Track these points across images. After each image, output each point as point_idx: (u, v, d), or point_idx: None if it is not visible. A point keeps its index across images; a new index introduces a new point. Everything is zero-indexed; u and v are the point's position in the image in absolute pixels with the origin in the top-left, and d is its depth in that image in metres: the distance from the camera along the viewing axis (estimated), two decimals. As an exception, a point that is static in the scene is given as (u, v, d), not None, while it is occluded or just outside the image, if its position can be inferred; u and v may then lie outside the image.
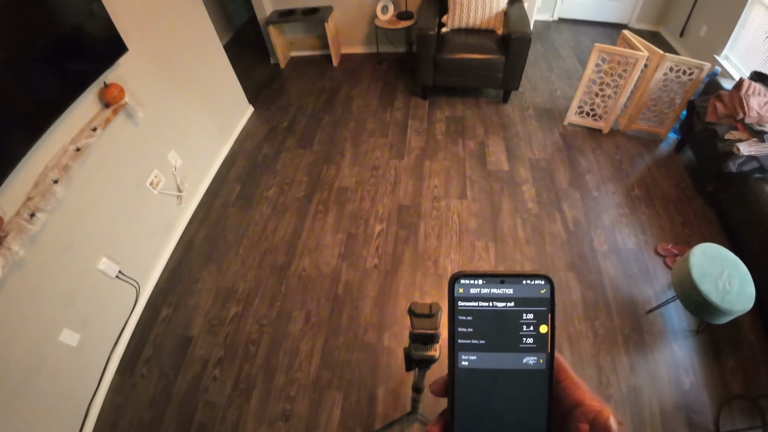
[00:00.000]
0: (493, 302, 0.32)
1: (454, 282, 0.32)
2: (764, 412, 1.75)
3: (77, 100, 1.79)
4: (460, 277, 0.32)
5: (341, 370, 1.97)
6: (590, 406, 0.29)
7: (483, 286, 0.32)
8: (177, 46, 2.57)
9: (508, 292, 0.32)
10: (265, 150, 3.26)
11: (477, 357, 0.31)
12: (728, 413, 1.77)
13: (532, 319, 0.31)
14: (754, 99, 2.33)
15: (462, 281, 0.32)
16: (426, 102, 3.64)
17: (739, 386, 1.85)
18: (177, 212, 2.64)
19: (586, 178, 2.83)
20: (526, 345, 0.31)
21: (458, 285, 0.32)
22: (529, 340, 0.31)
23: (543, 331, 0.31)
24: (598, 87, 2.99)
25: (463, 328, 0.32)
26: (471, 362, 0.31)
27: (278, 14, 3.98)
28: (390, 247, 2.46)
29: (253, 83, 4.05)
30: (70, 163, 1.72)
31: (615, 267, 2.30)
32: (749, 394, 1.81)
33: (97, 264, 1.98)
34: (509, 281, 0.32)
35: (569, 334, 2.04)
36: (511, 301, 0.32)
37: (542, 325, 0.31)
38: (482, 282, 0.32)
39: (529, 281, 0.32)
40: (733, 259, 1.77)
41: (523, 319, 0.31)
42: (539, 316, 0.31)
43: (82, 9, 1.77)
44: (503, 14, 3.35)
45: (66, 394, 1.81)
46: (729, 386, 1.85)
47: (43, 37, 1.60)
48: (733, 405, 1.79)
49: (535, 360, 0.31)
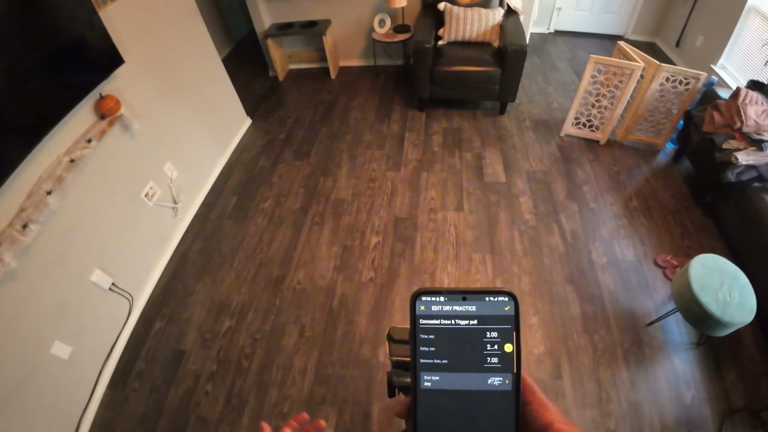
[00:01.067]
0: (456, 320, 0.31)
1: (415, 299, 0.31)
2: (766, 424, 1.71)
3: (72, 111, 1.79)
4: (420, 294, 0.31)
5: (335, 386, 1.94)
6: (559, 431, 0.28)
7: (445, 303, 0.31)
8: (174, 58, 2.59)
9: (471, 309, 0.31)
10: (263, 162, 3.26)
11: (440, 377, 0.30)
12: (730, 427, 1.73)
13: (496, 338, 0.30)
14: (752, 108, 2.32)
15: (423, 298, 0.31)
16: (423, 114, 3.65)
17: (741, 399, 1.81)
18: (172, 224, 2.63)
19: (583, 189, 2.82)
20: (491, 365, 0.30)
21: (419, 302, 0.31)
22: (493, 360, 0.30)
23: (508, 350, 0.30)
24: (595, 98, 2.99)
25: (425, 347, 0.31)
26: (434, 383, 0.30)
27: (277, 27, 4.02)
28: (386, 260, 2.44)
29: (252, 95, 4.08)
30: (65, 175, 1.72)
31: (614, 279, 2.27)
32: (751, 407, 1.77)
33: (90, 276, 1.97)
34: (471, 298, 0.31)
35: (568, 348, 2.00)
36: (474, 319, 0.31)
37: (507, 343, 0.30)
38: (444, 299, 0.31)
39: (492, 298, 0.31)
40: (734, 271, 1.75)
41: (487, 337, 0.30)
42: (504, 335, 0.30)
43: (80, 21, 1.78)
44: (499, 27, 3.38)
45: (57, 407, 1.79)
46: (731, 399, 1.81)
47: (39, 48, 1.61)
48: (735, 418, 1.75)
49: (501, 380, 0.30)
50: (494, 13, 3.33)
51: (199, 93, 2.90)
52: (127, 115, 2.07)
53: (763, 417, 1.73)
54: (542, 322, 2.11)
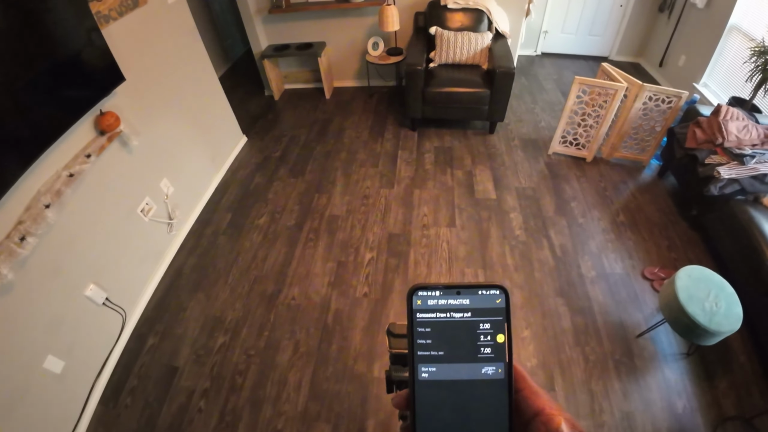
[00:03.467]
0: (451, 313, 0.32)
1: (412, 294, 0.33)
2: (759, 431, 1.73)
3: (73, 126, 1.82)
4: (417, 289, 0.33)
5: (330, 402, 1.93)
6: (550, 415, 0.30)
7: (440, 298, 0.33)
8: (173, 76, 2.65)
9: (465, 302, 0.33)
10: (258, 179, 3.30)
11: (437, 368, 0.32)
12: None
13: (489, 329, 0.32)
14: (733, 123, 2.42)
15: (420, 293, 0.33)
16: (415, 133, 3.73)
17: (733, 407, 1.83)
18: (167, 240, 2.64)
19: (571, 205, 2.89)
20: (485, 355, 0.32)
21: (416, 297, 0.33)
22: (487, 350, 0.32)
23: (500, 341, 0.32)
24: (580, 117, 3.10)
25: (422, 339, 0.32)
26: (431, 374, 0.32)
27: (273, 49, 4.13)
28: (380, 276, 2.46)
29: (248, 114, 4.15)
30: (63, 189, 1.73)
31: (603, 292, 2.31)
32: (743, 414, 1.80)
33: (85, 290, 1.96)
34: (465, 292, 0.33)
35: (560, 360, 2.02)
36: (468, 312, 0.32)
37: (499, 334, 0.32)
38: (439, 293, 0.33)
39: (484, 292, 0.33)
40: (719, 281, 1.80)
41: (481, 329, 0.32)
42: (496, 326, 0.32)
43: (81, 38, 1.83)
44: (488, 50, 3.50)
45: (48, 422, 1.76)
46: (722, 408, 1.83)
47: (42, 64, 1.64)
48: (727, 426, 1.77)
49: (494, 369, 0.32)
50: (483, 36, 3.46)
51: (197, 111, 2.96)
52: (126, 131, 2.11)
53: (755, 424, 1.75)
54: (534, 335, 2.13)
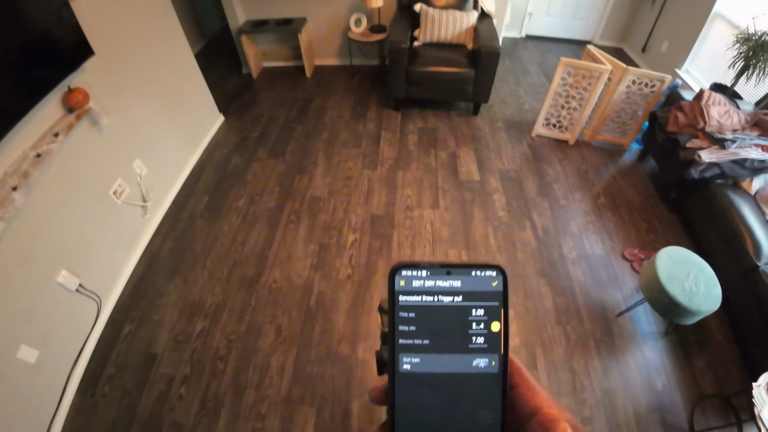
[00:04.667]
0: (439, 296, 0.28)
1: (394, 273, 0.28)
2: (737, 410, 1.80)
3: (39, 104, 1.70)
4: (401, 268, 0.28)
5: (314, 385, 1.91)
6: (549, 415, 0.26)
7: (427, 279, 0.28)
8: (146, 52, 2.51)
9: (456, 285, 0.28)
10: (236, 160, 3.20)
11: (420, 359, 0.28)
12: (701, 412, 1.81)
13: (482, 316, 0.28)
14: (714, 108, 2.45)
15: (403, 273, 0.28)
16: (398, 114, 3.67)
17: (711, 386, 1.90)
18: (141, 223, 2.54)
19: (553, 187, 2.90)
20: (477, 345, 0.28)
21: (399, 277, 0.28)
22: (479, 340, 0.28)
23: (495, 330, 0.28)
24: (564, 100, 3.09)
25: (405, 326, 0.28)
26: (414, 365, 0.28)
27: (251, 24, 3.96)
28: (363, 258, 2.43)
29: (224, 93, 3.99)
30: (31, 170, 1.63)
31: (584, 273, 2.34)
32: (721, 392, 1.86)
33: (57, 277, 1.87)
34: (456, 273, 0.28)
35: (542, 339, 2.05)
36: (459, 295, 0.28)
37: (494, 322, 0.28)
38: (426, 273, 0.28)
39: (478, 272, 0.28)
40: (699, 262, 1.84)
41: (473, 315, 0.28)
42: (491, 312, 0.28)
43: (50, 11, 1.70)
44: (473, 30, 3.44)
45: (25, 413, 1.70)
46: (700, 386, 1.89)
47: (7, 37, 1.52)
48: (705, 404, 1.84)
49: (487, 362, 0.28)
50: (468, 15, 3.39)
51: (170, 88, 2.82)
52: (95, 109, 1.98)
53: (733, 402, 1.81)
54: (517, 314, 2.15)
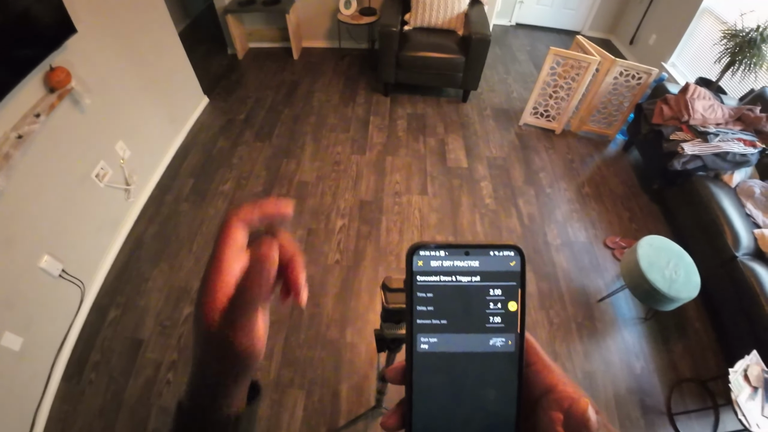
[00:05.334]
0: (457, 277, 0.28)
1: (412, 254, 0.28)
2: (714, 394, 1.88)
3: (20, 83, 1.63)
4: (419, 248, 0.29)
5: (303, 369, 1.93)
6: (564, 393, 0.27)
7: (445, 259, 0.29)
8: (129, 30, 2.42)
9: (474, 265, 0.29)
10: (221, 143, 3.14)
11: (438, 339, 0.28)
12: (679, 396, 1.89)
13: (500, 296, 0.28)
14: (699, 102, 2.51)
15: (422, 253, 0.29)
16: (388, 99, 3.64)
17: (688, 370, 1.98)
18: (125, 207, 2.48)
19: (540, 175, 2.95)
20: (494, 325, 0.28)
21: (417, 257, 0.28)
22: (496, 320, 0.28)
23: (512, 309, 0.28)
24: (552, 89, 3.12)
25: (423, 306, 0.28)
26: (431, 345, 0.28)
27: (237, 3, 3.84)
28: (352, 243, 2.44)
29: (209, 74, 3.89)
30: (12, 152, 1.57)
31: (567, 259, 2.40)
32: (698, 377, 1.94)
33: (39, 262, 1.82)
34: (475, 253, 0.29)
35: (526, 323, 2.10)
36: (477, 276, 0.28)
37: (511, 302, 0.28)
38: (444, 254, 0.29)
39: (496, 253, 0.29)
40: (679, 250, 1.90)
41: (491, 295, 0.28)
42: (508, 292, 0.28)
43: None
44: (464, 15, 3.42)
45: (10, 401, 1.67)
46: (678, 370, 1.98)
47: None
48: (683, 388, 1.92)
49: (504, 341, 0.28)
50: (460, 1, 3.36)
51: (154, 68, 2.73)
52: (77, 88, 1.91)
53: (710, 387, 1.90)
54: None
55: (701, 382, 1.92)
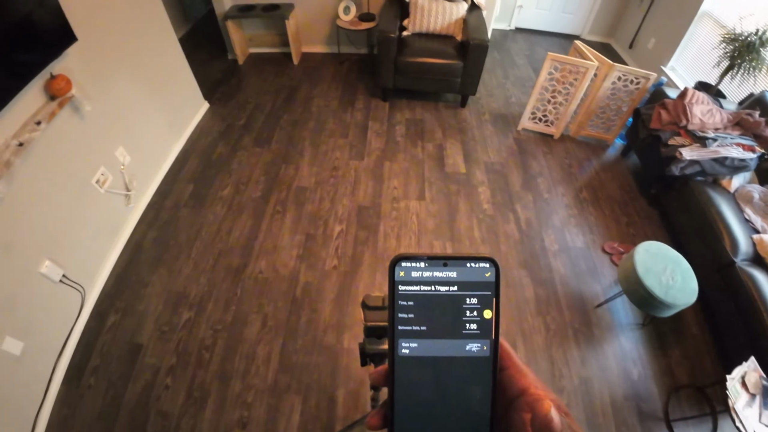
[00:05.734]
0: (436, 286, 0.30)
1: (394, 265, 0.30)
2: (711, 400, 1.87)
3: (21, 92, 1.66)
4: (401, 260, 0.30)
5: (300, 374, 1.94)
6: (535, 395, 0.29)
7: (425, 270, 0.30)
8: (129, 37, 2.44)
9: (452, 275, 0.30)
10: (221, 148, 3.16)
11: (418, 344, 0.30)
12: (676, 402, 1.89)
13: (476, 304, 0.30)
14: (697, 107, 2.51)
15: (403, 264, 0.30)
16: (386, 104, 3.66)
17: (686, 376, 1.97)
18: (125, 212, 2.50)
19: (537, 180, 2.95)
20: (470, 331, 0.30)
21: (399, 268, 0.30)
22: (472, 326, 0.30)
23: (487, 317, 0.30)
24: (551, 94, 3.13)
25: (404, 313, 0.30)
26: (412, 350, 0.30)
27: (237, 9, 3.87)
28: (349, 248, 2.45)
29: (209, 79, 3.91)
30: (12, 159, 1.59)
31: (565, 265, 2.40)
32: (695, 383, 1.94)
33: (40, 267, 1.84)
34: (453, 264, 0.30)
35: (522, 329, 2.11)
36: (455, 285, 0.30)
37: (486, 310, 0.30)
38: (424, 265, 0.30)
39: (473, 264, 0.30)
40: (676, 256, 1.90)
41: (467, 303, 0.30)
42: (483, 301, 0.30)
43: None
44: (462, 21, 3.43)
45: (11, 405, 1.69)
46: (676, 376, 1.97)
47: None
48: (680, 394, 1.91)
49: (479, 347, 0.30)
50: (458, 6, 3.38)
51: (154, 75, 2.75)
52: (78, 96, 1.94)
53: (707, 392, 1.89)
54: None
55: (699, 388, 1.91)
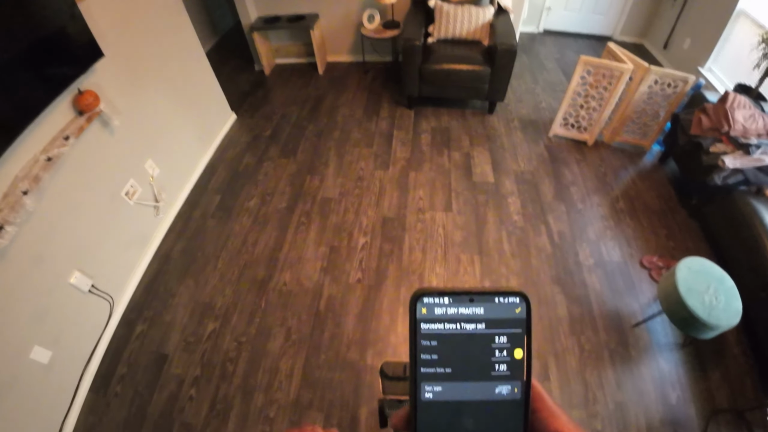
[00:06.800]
0: (461, 324, 0.28)
1: (415, 301, 0.28)
2: (751, 425, 1.74)
3: (49, 107, 1.71)
4: (422, 295, 0.28)
5: (323, 390, 1.91)
6: None
7: (449, 306, 0.28)
8: (156, 51, 2.51)
9: (479, 312, 0.28)
10: (247, 159, 3.19)
11: (443, 388, 0.28)
12: (715, 427, 1.75)
13: (505, 343, 0.28)
14: (739, 112, 2.35)
15: (425, 300, 0.28)
16: (412, 112, 3.61)
17: (725, 399, 1.83)
18: (154, 224, 2.55)
19: (571, 190, 2.83)
20: (499, 373, 0.28)
21: (420, 304, 0.28)
22: (502, 367, 0.28)
23: (518, 357, 0.28)
24: (583, 99, 3.00)
25: (427, 354, 0.28)
26: (436, 394, 0.28)
27: (263, 21, 3.94)
28: (374, 261, 2.41)
29: (237, 90, 3.99)
30: (41, 174, 1.64)
31: (600, 280, 2.28)
32: (735, 407, 1.80)
33: (69, 278, 1.89)
34: (479, 300, 0.28)
35: (555, 349, 2.01)
36: (482, 323, 0.28)
37: (517, 348, 0.28)
38: (448, 301, 0.28)
39: (502, 299, 0.28)
40: (720, 274, 1.76)
41: (496, 343, 0.28)
42: (514, 339, 0.28)
43: (58, 12, 1.70)
44: (489, 26, 3.36)
45: (38, 412, 1.73)
46: (715, 400, 1.83)
47: (15, 41, 1.52)
48: (719, 419, 1.78)
49: (509, 389, 0.28)
50: (485, 11, 3.30)
51: (182, 87, 2.82)
52: (106, 110, 1.99)
53: (747, 417, 1.75)
54: (530, 323, 2.11)
55: (738, 411, 1.77)
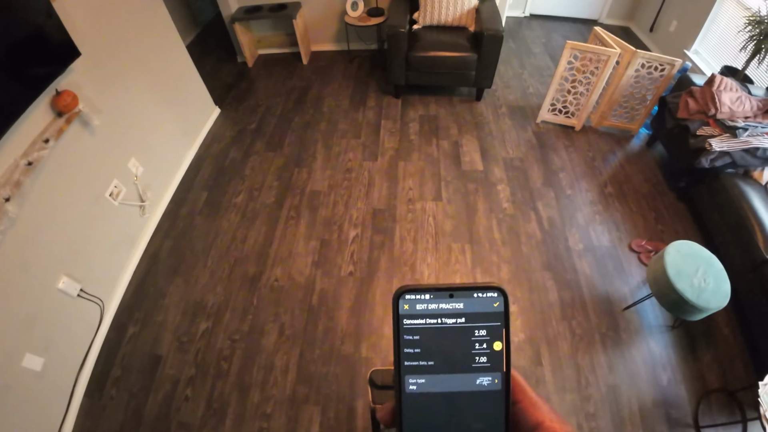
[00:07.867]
0: (442, 319, 0.29)
1: (398, 298, 0.29)
2: (743, 405, 1.78)
3: (27, 110, 1.65)
4: (404, 293, 0.29)
5: (318, 384, 1.91)
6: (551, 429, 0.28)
7: (430, 302, 0.29)
8: (135, 47, 2.43)
9: (458, 307, 0.29)
10: (233, 154, 3.14)
11: (426, 380, 0.29)
12: (707, 407, 1.80)
13: (485, 336, 0.29)
14: (726, 94, 2.36)
15: (407, 297, 0.29)
16: (399, 101, 3.58)
17: (716, 380, 1.87)
18: (140, 223, 2.51)
19: (559, 176, 2.83)
20: (480, 364, 0.29)
21: (403, 301, 0.29)
22: (482, 359, 0.29)
23: (497, 349, 0.29)
24: (571, 84, 2.99)
25: (410, 348, 0.29)
26: (419, 386, 0.29)
27: (244, 11, 3.84)
28: (365, 253, 2.40)
29: (220, 83, 3.90)
30: (22, 179, 1.60)
31: (590, 265, 2.30)
32: (726, 387, 1.84)
33: (57, 284, 1.86)
34: (459, 295, 0.30)
35: (547, 335, 2.03)
36: (462, 317, 0.29)
37: (496, 341, 0.29)
38: (429, 297, 0.29)
39: (480, 294, 0.30)
40: (708, 256, 1.79)
41: (476, 336, 0.29)
42: (493, 332, 0.29)
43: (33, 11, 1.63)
44: (475, 11, 3.32)
45: (34, 420, 1.72)
46: (706, 381, 1.88)
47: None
48: (711, 399, 1.82)
49: (490, 380, 0.29)
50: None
51: (163, 83, 2.74)
52: (86, 110, 1.93)
53: (738, 397, 1.79)
54: (521, 310, 2.13)
55: (729, 392, 1.82)
